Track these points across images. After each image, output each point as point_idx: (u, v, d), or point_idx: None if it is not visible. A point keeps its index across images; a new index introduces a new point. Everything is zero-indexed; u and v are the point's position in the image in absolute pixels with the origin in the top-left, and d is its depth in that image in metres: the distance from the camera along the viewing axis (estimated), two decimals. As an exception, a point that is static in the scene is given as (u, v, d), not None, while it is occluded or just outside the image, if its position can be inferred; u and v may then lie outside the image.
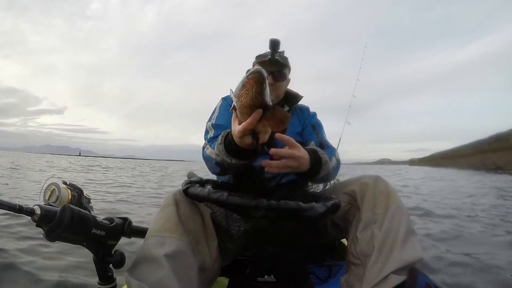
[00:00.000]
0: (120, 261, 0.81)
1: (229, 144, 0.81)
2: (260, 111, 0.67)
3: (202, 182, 0.97)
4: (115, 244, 0.83)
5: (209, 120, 1.17)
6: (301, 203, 0.71)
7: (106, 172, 14.30)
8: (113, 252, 0.82)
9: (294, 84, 1.26)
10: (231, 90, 0.72)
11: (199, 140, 1.12)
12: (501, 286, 1.78)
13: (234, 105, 0.69)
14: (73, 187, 0.83)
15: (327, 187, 1.20)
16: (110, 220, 0.83)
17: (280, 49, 1.15)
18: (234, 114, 0.74)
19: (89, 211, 0.81)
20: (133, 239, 0.92)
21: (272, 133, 0.74)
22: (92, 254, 0.80)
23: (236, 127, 0.72)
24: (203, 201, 0.80)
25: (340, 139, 2.26)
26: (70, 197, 0.80)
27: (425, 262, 2.03)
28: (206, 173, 1.26)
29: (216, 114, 1.17)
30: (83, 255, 2.01)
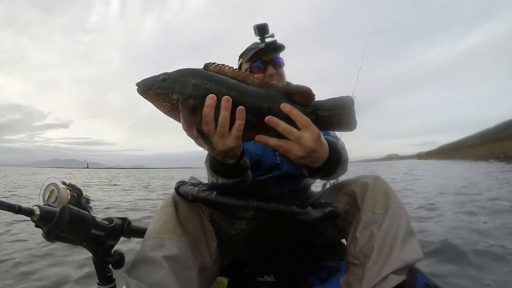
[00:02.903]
0: (119, 261, 0.81)
1: (211, 161, 0.74)
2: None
3: (199, 184, 0.96)
4: (114, 244, 0.83)
5: None
6: (294, 207, 0.69)
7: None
8: (112, 253, 0.82)
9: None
10: None
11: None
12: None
13: None
14: (72, 188, 0.84)
15: (326, 187, 1.18)
16: (110, 220, 0.83)
17: (269, 33, 1.03)
18: None
19: (89, 212, 0.81)
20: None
21: (251, 130, 0.60)
22: (91, 255, 0.81)
23: None
24: (194, 201, 0.79)
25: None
26: (69, 197, 0.80)
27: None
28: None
29: None
30: (82, 255, 2.03)
